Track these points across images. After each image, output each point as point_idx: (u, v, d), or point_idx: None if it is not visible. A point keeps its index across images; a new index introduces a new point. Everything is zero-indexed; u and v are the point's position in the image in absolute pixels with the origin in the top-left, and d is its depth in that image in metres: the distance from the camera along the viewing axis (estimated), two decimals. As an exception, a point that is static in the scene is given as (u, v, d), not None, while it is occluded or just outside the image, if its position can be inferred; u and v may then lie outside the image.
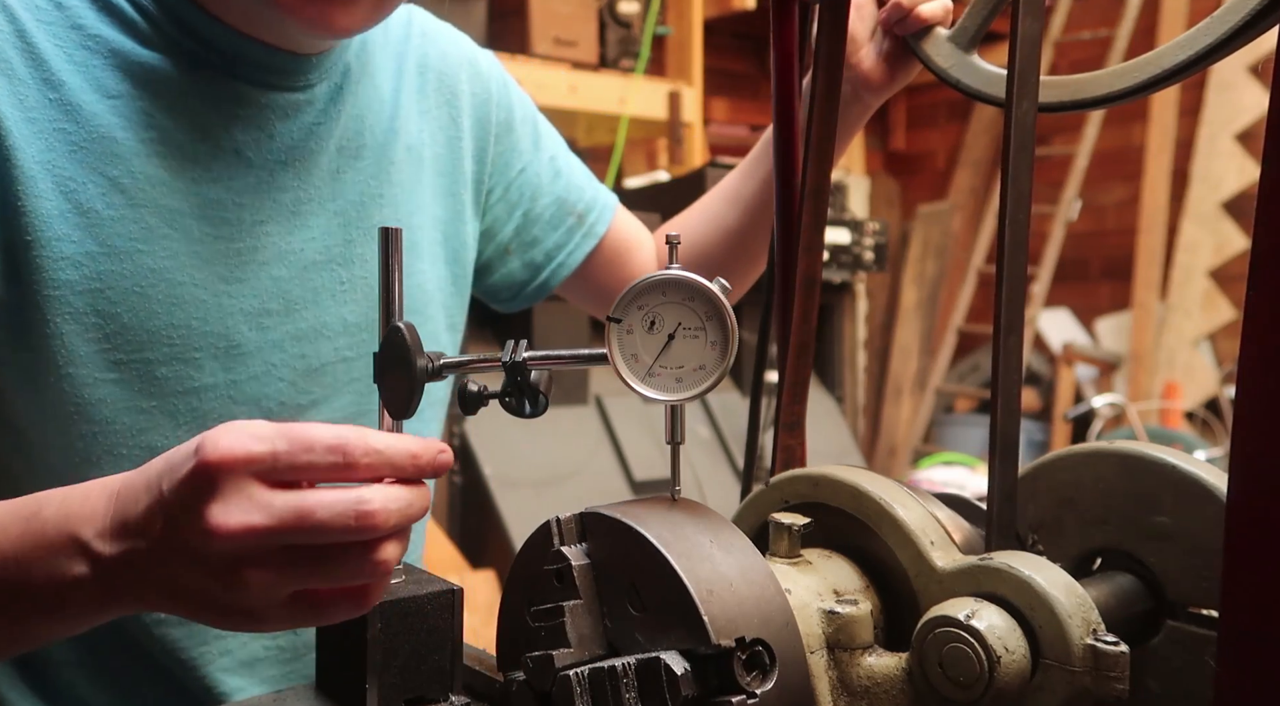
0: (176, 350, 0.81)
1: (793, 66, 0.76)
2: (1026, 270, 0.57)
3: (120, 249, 0.78)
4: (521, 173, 1.07)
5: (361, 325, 0.91)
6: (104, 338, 0.78)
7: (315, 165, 0.88)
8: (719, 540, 0.52)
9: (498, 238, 1.07)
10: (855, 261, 3.46)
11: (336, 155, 0.90)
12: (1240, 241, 3.96)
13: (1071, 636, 0.49)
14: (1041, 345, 4.33)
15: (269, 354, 0.86)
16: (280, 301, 0.86)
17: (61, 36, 0.77)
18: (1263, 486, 0.43)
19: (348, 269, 0.90)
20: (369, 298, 0.91)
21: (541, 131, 1.11)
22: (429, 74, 1.00)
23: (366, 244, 0.91)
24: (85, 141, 0.77)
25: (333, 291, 0.89)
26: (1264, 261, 0.42)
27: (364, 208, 0.92)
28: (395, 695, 0.56)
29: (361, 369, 0.92)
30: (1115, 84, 0.62)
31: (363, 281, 0.91)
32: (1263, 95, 3.05)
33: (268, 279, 0.85)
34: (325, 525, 0.52)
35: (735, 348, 0.52)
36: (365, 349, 0.92)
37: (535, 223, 1.08)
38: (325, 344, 0.89)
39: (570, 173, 1.11)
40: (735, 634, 0.48)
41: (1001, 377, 0.55)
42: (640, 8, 3.41)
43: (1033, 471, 0.62)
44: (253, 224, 0.84)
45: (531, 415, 0.58)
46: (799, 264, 0.73)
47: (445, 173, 1.00)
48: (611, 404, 2.93)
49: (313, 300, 0.88)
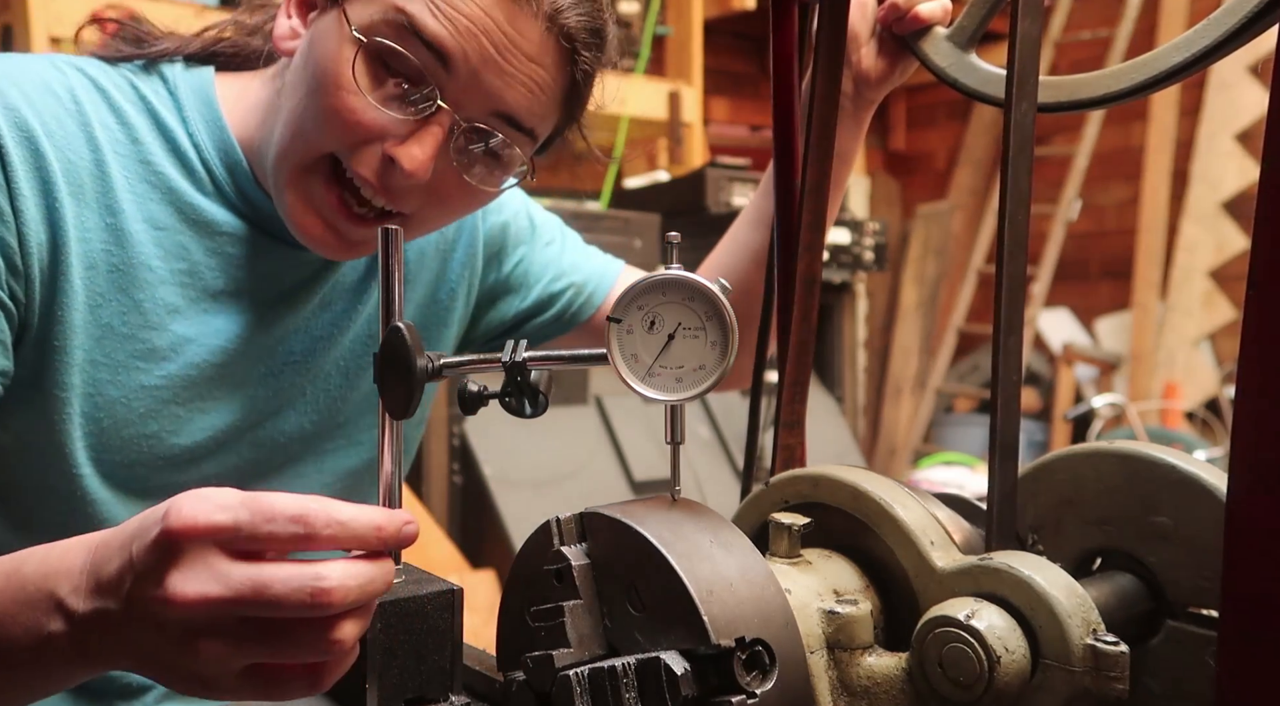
0: (144, 459, 0.86)
1: (793, 66, 0.76)
2: (1026, 270, 0.57)
3: (120, 362, 0.83)
4: (517, 265, 1.08)
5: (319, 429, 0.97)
6: (85, 436, 0.84)
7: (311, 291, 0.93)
8: (719, 540, 0.52)
9: (505, 318, 1.09)
10: (855, 261, 3.46)
11: (343, 293, 0.95)
12: (1240, 241, 3.96)
13: (1071, 636, 0.49)
14: (1041, 345, 4.33)
15: (225, 458, 0.91)
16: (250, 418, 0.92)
17: (130, 169, 0.83)
18: (1263, 486, 0.43)
19: (312, 383, 0.96)
20: (324, 409, 0.97)
21: (537, 224, 1.11)
22: None
23: (346, 376, 0.97)
24: (124, 265, 0.83)
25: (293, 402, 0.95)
26: (1264, 261, 0.42)
27: (340, 344, 0.96)
28: (395, 695, 0.56)
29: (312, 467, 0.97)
30: (1115, 84, 0.62)
31: (324, 393, 0.97)
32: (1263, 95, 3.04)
33: (234, 400, 0.90)
34: (280, 600, 0.51)
35: (735, 347, 0.52)
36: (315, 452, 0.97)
37: (542, 302, 1.09)
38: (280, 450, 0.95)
39: (562, 255, 1.12)
40: (735, 634, 0.48)
41: (1001, 378, 0.55)
42: (640, 8, 3.41)
43: (1033, 471, 0.62)
44: (290, 354, 0.92)
45: (531, 415, 0.58)
46: (799, 263, 0.73)
47: (428, 284, 1.02)
48: (611, 404, 2.92)
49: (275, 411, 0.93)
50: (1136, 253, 4.14)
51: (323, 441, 0.97)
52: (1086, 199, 4.29)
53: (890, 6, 0.81)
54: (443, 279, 1.03)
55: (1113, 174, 4.30)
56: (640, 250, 2.98)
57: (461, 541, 2.61)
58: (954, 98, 4.75)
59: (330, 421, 0.97)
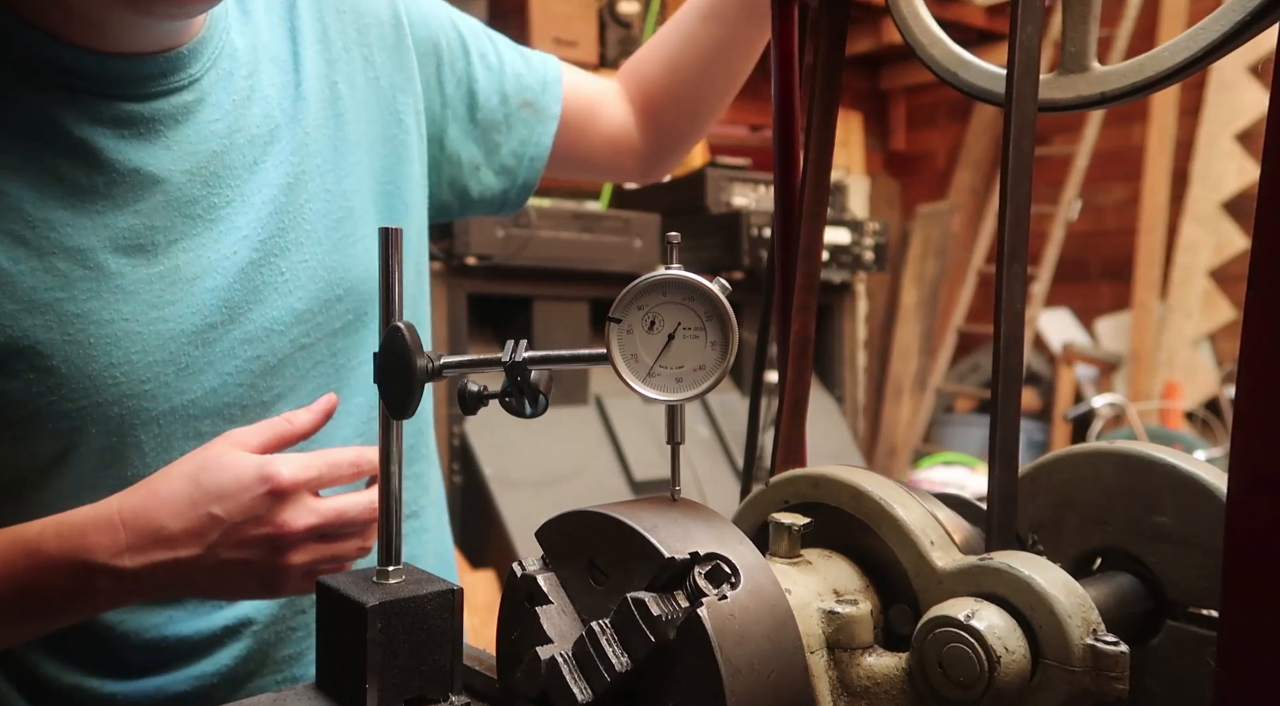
0: (123, 387, 0.79)
1: (793, 66, 0.76)
2: (1027, 270, 0.57)
3: (39, 302, 0.75)
4: (459, 86, 1.01)
5: (313, 310, 0.88)
6: (48, 391, 0.76)
7: (226, 164, 0.83)
8: (719, 540, 0.52)
9: (461, 157, 1.03)
10: (855, 261, 3.46)
11: (248, 146, 0.85)
12: (1240, 241, 3.96)
13: (1071, 636, 0.49)
14: (1041, 345, 4.33)
15: (221, 364, 0.83)
16: (222, 312, 0.83)
17: None
18: (1263, 486, 0.43)
19: (286, 258, 0.86)
20: (314, 279, 0.88)
21: (464, 32, 1.04)
22: (328, 18, 0.93)
23: (301, 227, 0.87)
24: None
25: (275, 285, 0.85)
26: (1264, 261, 0.42)
27: (292, 191, 0.87)
28: (395, 695, 0.56)
29: (322, 352, 0.89)
30: (1115, 84, 0.62)
31: (304, 266, 0.87)
32: (1263, 95, 3.05)
33: (203, 293, 0.81)
34: (354, 519, 0.77)
35: (735, 348, 0.52)
36: (321, 333, 0.89)
37: (491, 129, 1.03)
38: (279, 338, 0.86)
39: (504, 63, 1.05)
40: (689, 549, 0.48)
41: (1001, 378, 0.55)
42: (640, 8, 3.41)
43: (1033, 471, 0.62)
44: (168, 243, 0.80)
45: (531, 415, 0.58)
46: (793, 324, 0.73)
47: (374, 118, 0.94)
48: (611, 404, 2.93)
49: (256, 300, 0.84)
50: (1136, 253, 4.15)
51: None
52: (1086, 199, 4.29)
53: None
54: (391, 112, 0.95)
55: (1113, 174, 4.30)
56: (640, 250, 2.98)
57: (461, 541, 2.61)
58: (954, 98, 4.75)
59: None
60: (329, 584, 0.58)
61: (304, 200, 0.88)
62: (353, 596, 0.56)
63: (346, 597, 0.56)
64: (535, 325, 2.83)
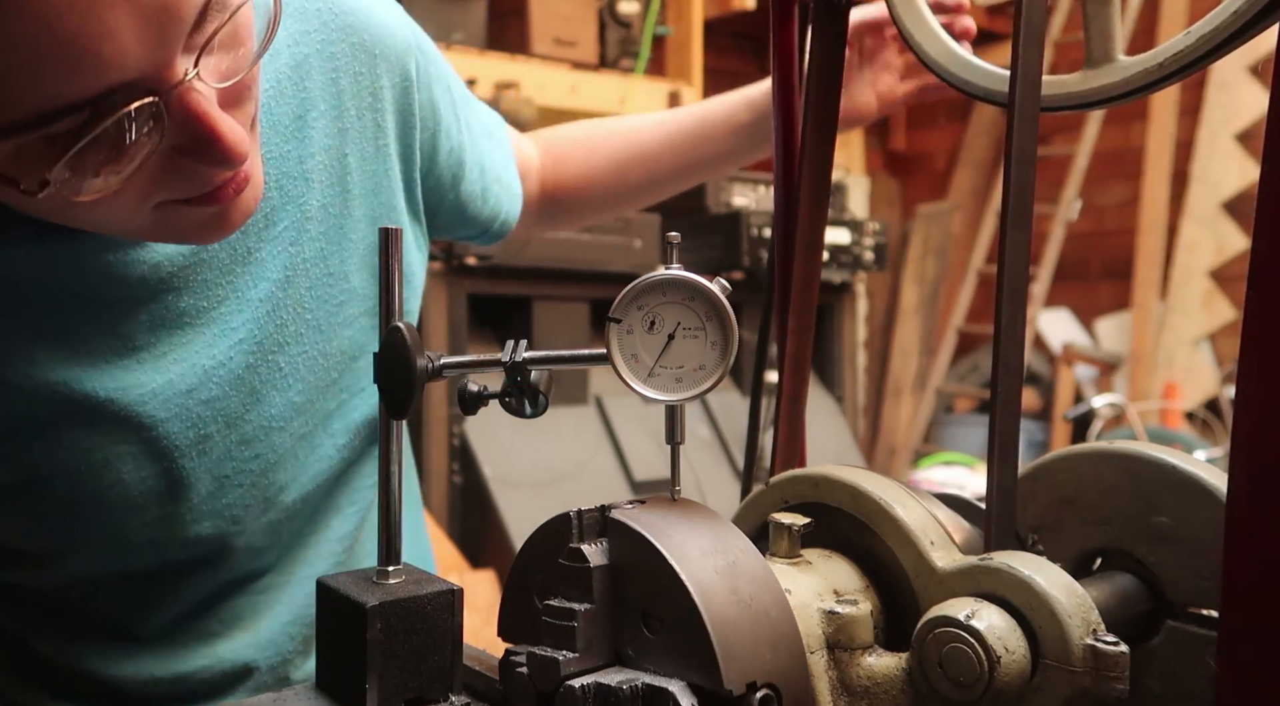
0: (115, 510, 0.75)
1: (793, 66, 0.76)
2: (1027, 270, 0.57)
3: (33, 438, 0.72)
4: (450, 154, 0.94)
5: (312, 400, 0.82)
6: (47, 520, 0.75)
7: (214, 264, 0.75)
8: (719, 540, 0.52)
9: (435, 217, 0.96)
10: (855, 261, 3.46)
11: (239, 238, 0.76)
12: (1240, 241, 3.96)
13: (1071, 636, 0.49)
14: (1041, 345, 4.33)
15: (219, 468, 0.78)
16: (218, 421, 0.77)
17: None
18: (1263, 486, 0.43)
19: (284, 352, 0.80)
20: (314, 370, 0.82)
21: (457, 99, 0.95)
22: (343, 80, 0.82)
23: (301, 318, 0.80)
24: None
25: (274, 383, 0.79)
26: (1264, 261, 0.42)
27: (290, 284, 0.79)
28: (395, 695, 0.56)
29: (321, 437, 0.84)
30: (1115, 84, 0.62)
31: (303, 357, 0.81)
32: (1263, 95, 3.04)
33: (196, 404, 0.76)
34: None
35: (735, 347, 0.52)
36: (319, 418, 0.83)
37: (469, 202, 0.98)
38: (279, 435, 0.81)
39: (481, 136, 0.99)
40: (748, 677, 0.47)
41: (1001, 377, 0.55)
42: (640, 8, 3.41)
43: (1033, 471, 0.62)
44: (154, 358, 0.74)
45: (531, 415, 0.58)
46: (798, 249, 0.73)
47: (380, 190, 0.86)
48: (611, 404, 2.93)
49: (253, 401, 0.79)
50: (1136, 253, 4.15)
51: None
52: (1086, 199, 4.29)
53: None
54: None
55: (1113, 174, 4.30)
56: (640, 250, 2.98)
57: (461, 541, 2.61)
58: (954, 98, 4.74)
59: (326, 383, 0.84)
60: (329, 584, 0.58)
61: (304, 289, 0.80)
62: (352, 596, 0.56)
63: (346, 597, 0.56)
64: (535, 325, 2.83)
